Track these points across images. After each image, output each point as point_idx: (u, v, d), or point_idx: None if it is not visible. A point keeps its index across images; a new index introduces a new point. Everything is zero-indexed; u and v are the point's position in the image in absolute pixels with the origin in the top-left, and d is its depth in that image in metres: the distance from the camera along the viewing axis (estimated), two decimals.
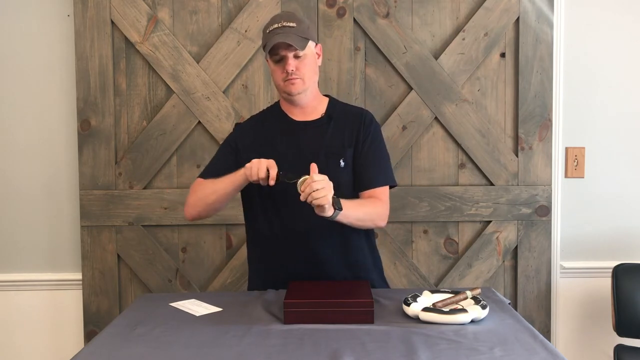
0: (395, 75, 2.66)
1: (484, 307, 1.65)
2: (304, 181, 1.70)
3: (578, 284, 2.73)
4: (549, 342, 1.50)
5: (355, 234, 1.96)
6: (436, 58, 2.65)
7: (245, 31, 2.62)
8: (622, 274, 2.41)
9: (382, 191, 1.95)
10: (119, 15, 2.60)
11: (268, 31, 1.89)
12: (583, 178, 2.72)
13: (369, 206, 1.90)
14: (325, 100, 2.03)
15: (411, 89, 2.66)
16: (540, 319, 2.71)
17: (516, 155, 2.68)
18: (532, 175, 2.68)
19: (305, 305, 1.63)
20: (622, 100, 2.71)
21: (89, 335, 2.64)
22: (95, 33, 2.60)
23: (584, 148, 2.71)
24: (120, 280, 2.69)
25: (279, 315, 1.68)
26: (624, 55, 2.69)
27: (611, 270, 2.44)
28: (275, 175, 1.74)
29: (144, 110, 2.66)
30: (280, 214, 1.94)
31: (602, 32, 2.68)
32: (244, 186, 1.86)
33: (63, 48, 2.65)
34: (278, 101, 2.06)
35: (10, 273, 2.70)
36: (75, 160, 2.66)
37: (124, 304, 2.67)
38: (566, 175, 2.71)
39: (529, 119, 2.67)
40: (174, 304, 1.83)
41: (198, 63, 2.62)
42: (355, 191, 1.95)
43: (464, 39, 2.64)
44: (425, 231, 2.71)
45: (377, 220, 1.91)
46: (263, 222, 1.98)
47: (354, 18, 2.62)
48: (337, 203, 1.73)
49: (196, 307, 1.79)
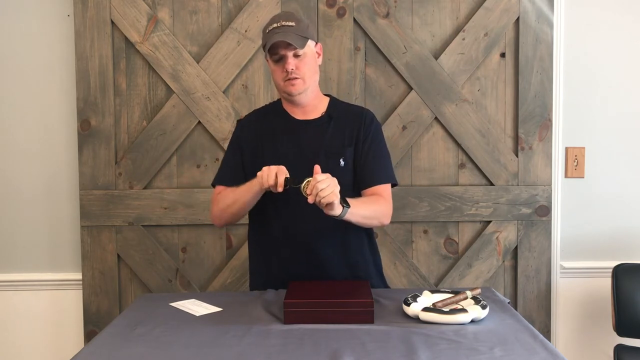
0: (395, 75, 2.66)
1: (484, 307, 1.65)
2: (308, 184, 1.70)
3: (578, 284, 2.73)
4: (549, 342, 1.50)
5: (355, 234, 1.96)
6: (436, 58, 2.65)
7: (245, 31, 2.62)
8: (622, 274, 2.41)
9: (385, 189, 1.95)
10: (119, 15, 2.60)
11: (267, 31, 1.89)
12: (583, 178, 2.72)
13: (374, 204, 1.89)
14: (326, 99, 2.03)
15: (411, 89, 2.66)
16: (540, 319, 2.71)
17: (516, 155, 2.68)
18: (532, 175, 2.68)
19: (305, 305, 1.64)
20: (622, 100, 2.71)
21: (89, 335, 2.64)
22: (95, 33, 2.60)
23: (584, 148, 2.71)
24: (120, 280, 2.69)
25: (279, 315, 1.68)
26: (624, 55, 2.69)
27: (611, 270, 2.44)
28: (282, 182, 1.73)
29: (144, 110, 2.66)
30: (280, 214, 1.94)
31: (602, 32, 2.68)
32: (263, 193, 1.83)
33: (63, 48, 2.65)
34: (280, 98, 2.06)
35: (10, 273, 2.70)
36: (75, 160, 2.66)
37: (124, 304, 2.67)
38: (566, 175, 2.71)
39: (529, 119, 2.67)
40: (174, 304, 1.83)
41: (198, 63, 2.62)
42: (355, 190, 1.95)
43: (464, 39, 2.64)
44: (425, 231, 2.71)
45: (382, 218, 1.91)
46: (264, 222, 1.99)
47: (354, 18, 2.62)
48: (345, 201, 1.73)
49: (196, 307, 1.80)
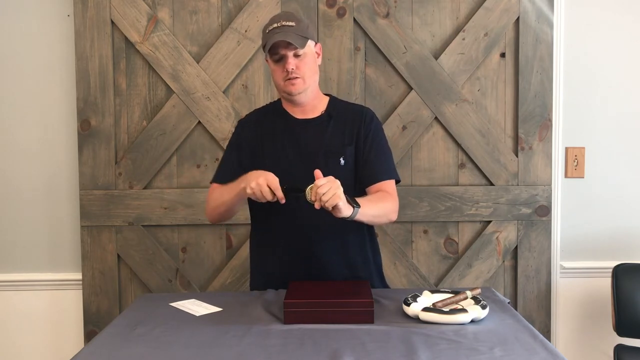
0: (395, 75, 2.66)
1: (484, 307, 1.65)
2: (311, 190, 1.68)
3: (578, 284, 2.73)
4: (549, 342, 1.50)
5: (355, 233, 1.96)
6: (436, 58, 2.65)
7: (245, 31, 2.62)
8: (622, 274, 2.41)
9: (389, 185, 1.94)
10: (119, 15, 2.60)
11: (267, 31, 1.90)
12: (583, 178, 2.72)
13: (382, 201, 1.88)
14: (326, 99, 2.03)
15: (411, 89, 2.66)
16: (540, 319, 2.71)
17: (516, 155, 2.68)
18: (532, 175, 2.68)
19: (305, 305, 1.63)
20: (622, 100, 2.71)
21: (89, 335, 2.64)
22: (95, 33, 2.60)
23: (584, 148, 2.71)
24: (120, 280, 2.69)
25: (279, 315, 1.68)
26: (624, 55, 2.69)
27: (611, 270, 2.44)
28: (282, 196, 1.71)
29: (144, 110, 2.66)
30: (280, 214, 1.94)
31: (602, 32, 2.68)
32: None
33: (63, 48, 2.65)
34: (280, 98, 2.06)
35: (10, 273, 2.70)
36: (75, 160, 2.66)
37: (124, 304, 2.67)
38: (566, 175, 2.71)
39: (529, 119, 2.67)
40: (174, 304, 1.83)
41: (198, 63, 2.62)
42: (357, 189, 1.94)
43: (464, 39, 2.64)
44: (425, 231, 2.71)
45: (390, 215, 1.90)
46: (265, 222, 1.99)
47: (354, 18, 2.62)
48: (354, 201, 1.71)
49: (196, 307, 1.79)
